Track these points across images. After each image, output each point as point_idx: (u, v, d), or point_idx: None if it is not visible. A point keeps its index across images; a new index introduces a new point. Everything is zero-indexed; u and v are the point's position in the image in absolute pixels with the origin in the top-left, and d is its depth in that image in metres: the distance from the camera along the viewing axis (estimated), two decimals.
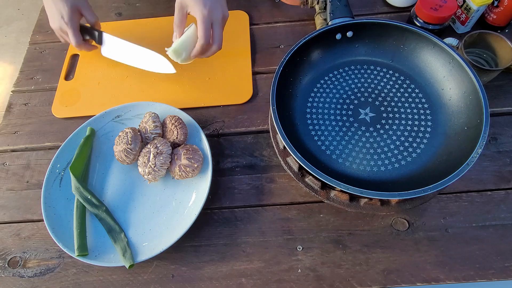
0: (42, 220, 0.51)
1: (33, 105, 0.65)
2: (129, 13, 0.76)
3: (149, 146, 0.52)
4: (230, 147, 0.58)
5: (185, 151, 0.51)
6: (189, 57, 0.57)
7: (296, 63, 0.53)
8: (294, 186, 0.53)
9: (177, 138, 0.54)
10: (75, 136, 0.56)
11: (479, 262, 0.46)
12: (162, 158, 0.51)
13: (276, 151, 0.51)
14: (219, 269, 0.48)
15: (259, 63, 0.66)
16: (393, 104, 0.52)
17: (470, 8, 0.60)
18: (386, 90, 0.53)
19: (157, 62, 0.63)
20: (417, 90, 0.53)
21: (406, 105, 0.52)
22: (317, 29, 0.60)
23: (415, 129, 0.49)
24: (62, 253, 0.51)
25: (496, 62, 0.56)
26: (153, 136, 0.54)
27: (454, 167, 0.41)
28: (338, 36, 0.55)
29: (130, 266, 0.46)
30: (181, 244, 0.50)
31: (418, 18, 0.60)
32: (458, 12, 0.63)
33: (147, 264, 0.49)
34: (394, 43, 0.54)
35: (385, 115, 0.51)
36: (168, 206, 0.52)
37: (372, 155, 0.48)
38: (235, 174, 0.55)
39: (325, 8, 0.62)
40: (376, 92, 0.53)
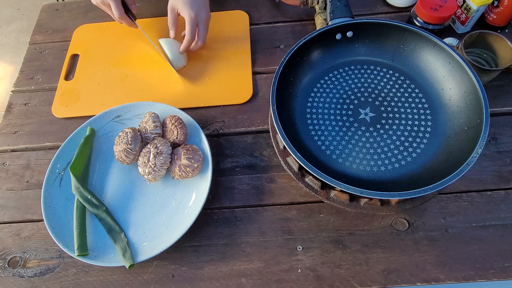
0: (42, 220, 0.51)
1: (33, 105, 0.65)
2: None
3: (149, 146, 0.52)
4: (230, 147, 0.58)
5: (185, 151, 0.51)
6: (178, 58, 0.65)
7: (296, 63, 0.53)
8: (294, 186, 0.53)
9: (177, 138, 0.54)
10: (75, 136, 0.56)
11: (479, 262, 0.46)
12: (162, 158, 0.51)
13: (276, 151, 0.51)
14: (219, 269, 0.48)
15: (259, 63, 0.66)
16: (393, 104, 0.52)
17: (470, 8, 0.60)
18: (386, 90, 0.53)
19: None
20: (417, 90, 0.53)
21: (406, 105, 0.52)
22: (317, 29, 0.60)
23: (415, 129, 0.49)
24: (62, 253, 0.51)
25: (496, 62, 0.56)
26: (153, 136, 0.54)
27: (454, 167, 0.41)
28: (338, 36, 0.55)
29: (130, 266, 0.46)
30: (181, 244, 0.50)
31: (418, 18, 0.60)
32: (458, 12, 0.63)
33: (147, 264, 0.49)
34: (394, 43, 0.54)
35: (385, 115, 0.51)
36: (168, 206, 0.52)
37: (372, 155, 0.48)
38: (235, 174, 0.55)
39: (325, 8, 0.62)
40: (376, 92, 0.53)
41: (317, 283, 0.47)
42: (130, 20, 0.65)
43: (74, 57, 0.70)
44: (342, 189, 0.41)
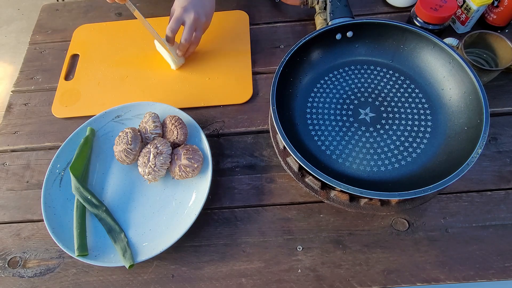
0: (42, 220, 0.51)
1: (33, 105, 0.65)
2: (129, 13, 0.76)
3: (149, 146, 0.52)
4: (230, 147, 0.58)
5: (185, 151, 0.51)
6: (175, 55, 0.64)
7: (296, 63, 0.53)
8: (294, 186, 0.53)
9: (177, 138, 0.54)
10: (75, 136, 0.56)
11: (479, 262, 0.46)
12: (162, 158, 0.51)
13: (276, 151, 0.50)
14: (219, 269, 0.48)
15: (259, 63, 0.66)
16: (393, 104, 0.52)
17: (470, 8, 0.60)
18: (386, 90, 0.53)
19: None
20: (417, 90, 0.52)
21: (406, 105, 0.52)
22: (317, 29, 0.60)
23: (415, 129, 0.49)
24: (62, 253, 0.51)
25: (496, 62, 0.56)
26: (153, 136, 0.54)
27: (454, 167, 0.41)
28: (338, 36, 0.55)
29: (130, 266, 0.46)
30: (181, 244, 0.50)
31: (418, 18, 0.60)
32: (458, 12, 0.63)
33: (147, 264, 0.49)
34: (394, 43, 0.54)
35: (385, 115, 0.51)
36: (168, 206, 0.52)
37: (372, 155, 0.48)
38: (235, 174, 0.55)
39: (325, 8, 0.62)
40: (376, 92, 0.53)
41: (317, 283, 0.47)
42: None
43: (74, 57, 0.70)
44: (342, 189, 0.41)
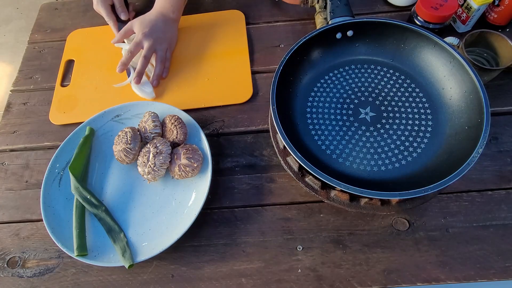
0: (41, 220, 0.51)
1: (32, 104, 0.65)
2: None
3: (148, 145, 0.52)
4: (230, 147, 0.57)
5: (184, 151, 0.51)
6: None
7: (296, 63, 0.53)
8: (294, 186, 0.53)
9: (176, 137, 0.53)
10: (74, 135, 0.56)
11: (480, 262, 0.46)
12: (161, 157, 0.51)
13: (276, 151, 0.50)
14: (219, 269, 0.48)
15: (259, 63, 0.66)
16: (393, 103, 0.52)
17: (471, 7, 0.60)
18: (386, 90, 0.53)
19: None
20: (417, 90, 0.52)
21: (407, 104, 0.51)
22: (317, 28, 0.60)
23: (416, 128, 0.49)
24: (61, 253, 0.51)
25: (497, 61, 0.56)
26: (152, 135, 0.54)
27: (455, 167, 0.41)
28: (339, 35, 0.55)
29: (130, 266, 0.46)
30: (181, 244, 0.50)
31: (419, 17, 0.60)
32: (459, 11, 0.63)
33: (147, 264, 0.49)
34: (394, 42, 0.54)
35: (385, 115, 0.51)
36: (167, 206, 0.52)
37: (372, 155, 0.48)
38: (235, 174, 0.55)
39: (325, 7, 0.62)
40: (376, 91, 0.53)
41: (317, 283, 0.47)
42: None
43: (70, 62, 0.69)
44: (342, 189, 0.41)
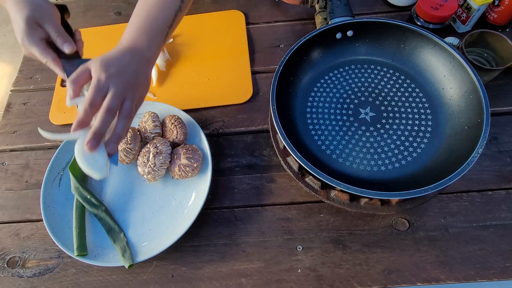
0: (41, 220, 0.51)
1: (32, 104, 0.65)
2: (128, 12, 0.76)
3: (148, 145, 0.52)
4: (230, 147, 0.57)
5: (184, 151, 0.51)
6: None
7: (296, 63, 0.53)
8: (294, 186, 0.53)
9: (176, 137, 0.53)
10: None
11: (480, 262, 0.46)
12: (161, 157, 0.51)
13: (276, 151, 0.50)
14: (219, 269, 0.48)
15: (259, 63, 0.66)
16: (393, 103, 0.52)
17: (471, 7, 0.60)
18: (386, 90, 0.53)
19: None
20: (417, 90, 0.52)
21: (407, 104, 0.51)
22: (317, 28, 0.60)
23: (416, 128, 0.49)
24: (61, 253, 0.51)
25: (497, 61, 0.56)
26: (152, 135, 0.54)
27: (455, 167, 0.41)
28: (339, 35, 0.55)
29: (130, 266, 0.46)
30: (180, 244, 0.50)
31: (419, 17, 0.60)
32: (459, 11, 0.63)
33: (147, 264, 0.49)
34: (394, 43, 0.54)
35: (385, 115, 0.51)
36: (167, 206, 0.52)
37: (372, 155, 0.48)
38: (235, 174, 0.55)
39: (325, 7, 0.62)
40: (376, 91, 0.53)
41: (317, 283, 0.47)
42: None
43: None
44: (342, 189, 0.41)
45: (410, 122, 0.50)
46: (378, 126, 0.50)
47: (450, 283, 0.46)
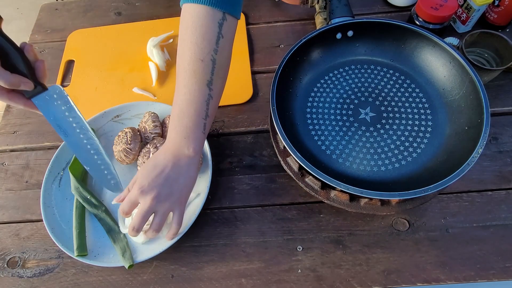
0: (41, 220, 0.51)
1: None
2: (128, 12, 0.76)
3: (148, 146, 0.52)
4: (230, 147, 0.57)
5: None
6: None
7: (296, 63, 0.53)
8: (294, 186, 0.53)
9: None
10: None
11: (480, 263, 0.46)
12: None
13: (276, 151, 0.50)
14: (219, 269, 0.48)
15: (259, 63, 0.66)
16: (393, 103, 0.52)
17: (471, 7, 0.60)
18: (386, 90, 0.53)
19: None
20: (417, 90, 0.52)
21: (407, 104, 0.51)
22: (317, 28, 0.60)
23: (416, 129, 0.49)
24: (61, 253, 0.51)
25: (497, 61, 0.56)
26: (152, 136, 0.54)
27: (455, 167, 0.41)
28: (339, 35, 0.55)
29: (130, 266, 0.46)
30: (180, 244, 0.49)
31: (419, 18, 0.60)
32: (459, 11, 0.63)
33: (147, 264, 0.49)
34: (394, 43, 0.54)
35: (385, 115, 0.51)
36: None
37: (372, 155, 0.48)
38: (235, 174, 0.55)
39: (325, 7, 0.62)
40: (376, 91, 0.53)
41: (317, 284, 0.46)
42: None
43: (69, 63, 0.69)
44: (342, 189, 0.41)
45: (410, 122, 0.50)
46: (378, 126, 0.50)
47: (450, 284, 0.46)
